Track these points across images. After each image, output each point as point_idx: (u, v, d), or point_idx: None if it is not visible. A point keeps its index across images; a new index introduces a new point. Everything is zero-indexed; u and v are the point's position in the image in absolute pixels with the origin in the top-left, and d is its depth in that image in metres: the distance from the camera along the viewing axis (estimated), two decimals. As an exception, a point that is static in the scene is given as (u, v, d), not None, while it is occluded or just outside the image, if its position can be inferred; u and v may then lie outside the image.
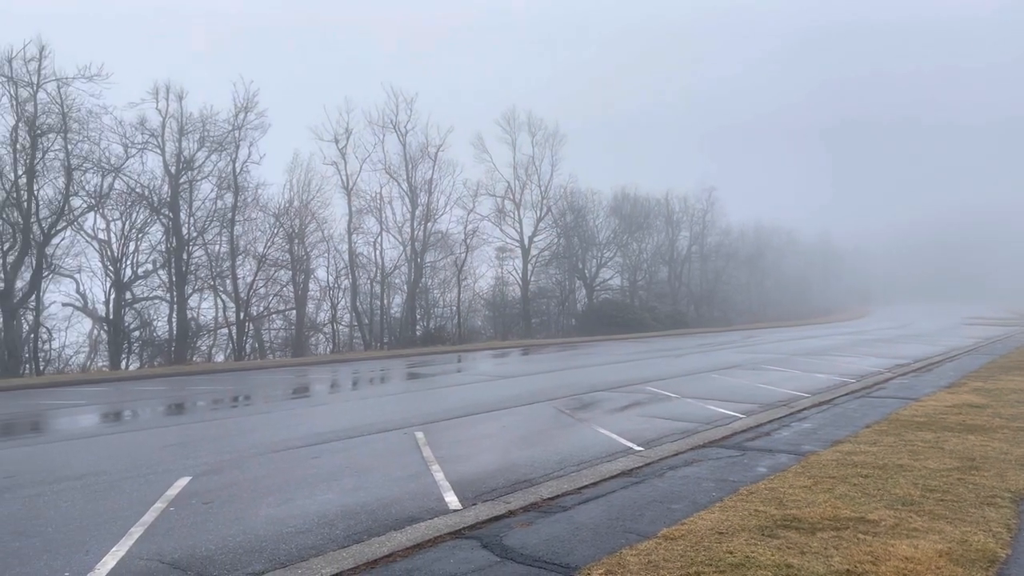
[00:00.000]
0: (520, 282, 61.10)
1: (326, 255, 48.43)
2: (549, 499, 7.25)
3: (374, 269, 50.95)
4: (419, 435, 11.34)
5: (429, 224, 51.86)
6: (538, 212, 60.70)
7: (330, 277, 49.22)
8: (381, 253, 50.88)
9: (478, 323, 63.86)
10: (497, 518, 6.64)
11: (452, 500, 7.38)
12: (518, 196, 59.58)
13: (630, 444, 10.41)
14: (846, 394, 15.77)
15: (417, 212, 50.98)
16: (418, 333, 51.95)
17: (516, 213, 59.82)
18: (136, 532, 6.47)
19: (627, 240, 70.96)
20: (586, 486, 7.79)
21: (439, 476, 8.46)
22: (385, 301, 51.80)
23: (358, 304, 49.42)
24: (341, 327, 50.90)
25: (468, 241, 55.06)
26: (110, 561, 5.71)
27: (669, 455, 9.46)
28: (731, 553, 5.38)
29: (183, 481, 8.45)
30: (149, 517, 6.95)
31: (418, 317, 53.53)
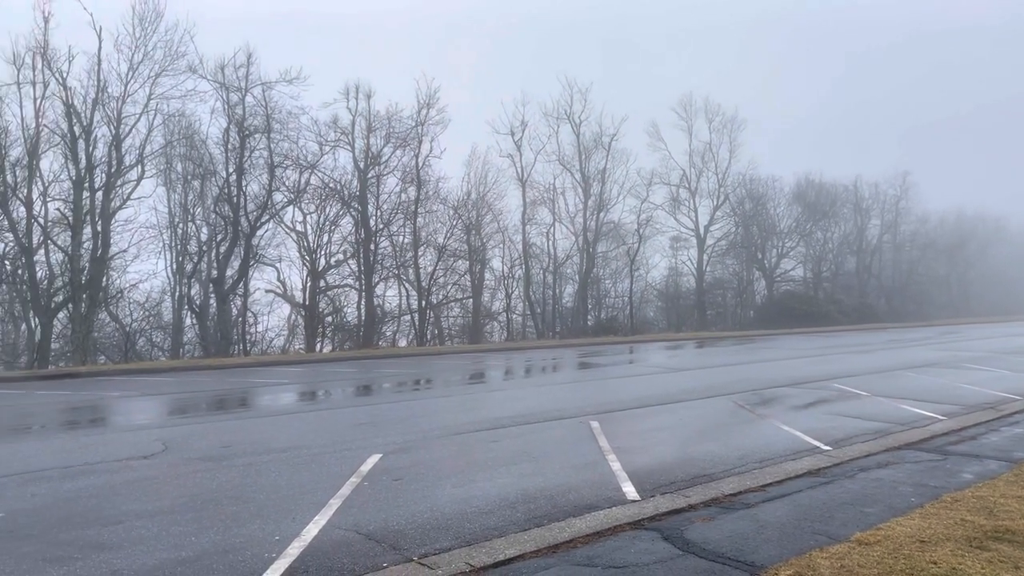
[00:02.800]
0: (695, 272, 59.76)
1: (501, 245, 49.75)
2: (731, 495, 7.07)
3: (547, 259, 51.71)
4: (594, 424, 11.39)
5: (602, 214, 51.89)
6: (715, 200, 59.12)
7: (505, 267, 50.51)
8: (554, 243, 51.57)
9: (650, 314, 63.15)
10: (677, 511, 6.55)
11: (630, 490, 7.37)
12: (694, 184, 58.30)
13: (816, 443, 9.92)
14: (1068, 399, 14.18)
15: (590, 202, 51.13)
16: (589, 323, 52.15)
17: (691, 202, 58.59)
18: (334, 504, 6.95)
19: (811, 229, 67.39)
20: (770, 484, 7.52)
21: (616, 466, 8.47)
22: (557, 291, 52.44)
23: (531, 293, 50.29)
24: (515, 316, 52.07)
25: (641, 231, 54.56)
26: (313, 529, 6.18)
27: (860, 456, 8.93)
28: (935, 563, 5.01)
29: (374, 458, 8.98)
30: (345, 490, 7.44)
31: (589, 307, 53.74)
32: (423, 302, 43.48)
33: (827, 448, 9.59)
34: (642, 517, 6.36)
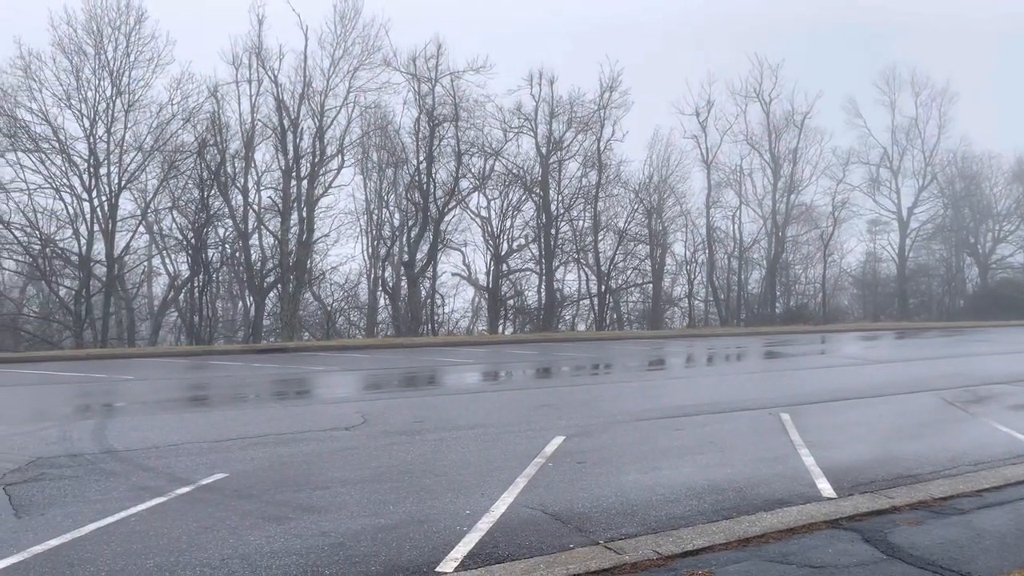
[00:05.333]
0: (896, 258, 55.62)
1: (683, 229, 48.59)
2: (940, 499, 6.53)
3: (732, 244, 49.98)
4: (784, 416, 10.91)
5: (792, 196, 49.43)
6: (920, 180, 54.55)
7: (687, 251, 49.29)
8: (740, 227, 49.70)
9: (844, 302, 59.57)
10: (879, 512, 6.14)
11: (825, 487, 6.99)
12: (896, 163, 54.09)
13: (1042, 447, 8.95)
14: None
15: (779, 184, 48.83)
16: (777, 310, 49.95)
17: (893, 182, 54.43)
18: (520, 482, 7.12)
19: (1034, 211, 60.48)
20: (986, 489, 6.87)
21: (808, 461, 8.06)
22: (742, 277, 50.61)
23: (715, 279, 48.85)
24: (697, 302, 50.84)
25: (836, 213, 51.41)
26: (501, 506, 6.36)
27: (1096, 465, 7.95)
28: None
29: (558, 439, 9.11)
30: (531, 470, 7.61)
31: (777, 294, 51.47)
32: (602, 287, 43.48)
33: (1056, 454, 8.62)
34: (840, 516, 6.02)
